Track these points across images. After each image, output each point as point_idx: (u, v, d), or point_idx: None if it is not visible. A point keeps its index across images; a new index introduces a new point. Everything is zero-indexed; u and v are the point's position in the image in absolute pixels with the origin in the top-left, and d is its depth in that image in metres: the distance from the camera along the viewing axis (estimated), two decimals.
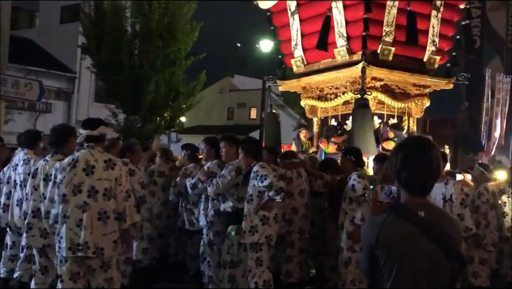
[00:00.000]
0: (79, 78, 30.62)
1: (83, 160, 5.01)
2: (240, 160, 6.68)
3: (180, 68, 20.95)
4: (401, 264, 2.46)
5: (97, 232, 4.87)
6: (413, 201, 2.54)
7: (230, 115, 42.52)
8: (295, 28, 11.66)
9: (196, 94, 22.06)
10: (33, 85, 17.38)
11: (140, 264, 7.46)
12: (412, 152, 2.56)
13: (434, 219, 2.51)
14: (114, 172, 5.03)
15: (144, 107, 19.98)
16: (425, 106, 11.53)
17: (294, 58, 11.85)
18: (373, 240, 2.51)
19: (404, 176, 2.54)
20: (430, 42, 11.09)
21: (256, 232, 6.30)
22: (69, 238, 4.85)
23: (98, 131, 5.17)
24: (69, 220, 4.89)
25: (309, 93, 11.97)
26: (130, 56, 20.34)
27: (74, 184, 4.94)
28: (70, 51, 29.00)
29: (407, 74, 10.92)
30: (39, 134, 7.40)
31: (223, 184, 6.52)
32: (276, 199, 6.23)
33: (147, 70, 20.01)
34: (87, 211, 4.88)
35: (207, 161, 7.20)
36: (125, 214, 5.05)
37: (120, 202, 5.03)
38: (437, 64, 11.38)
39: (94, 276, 4.93)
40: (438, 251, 2.46)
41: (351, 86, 10.83)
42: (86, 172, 4.97)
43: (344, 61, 10.83)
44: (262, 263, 6.33)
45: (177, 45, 20.41)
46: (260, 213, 6.31)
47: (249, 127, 35.71)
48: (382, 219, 2.54)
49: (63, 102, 30.79)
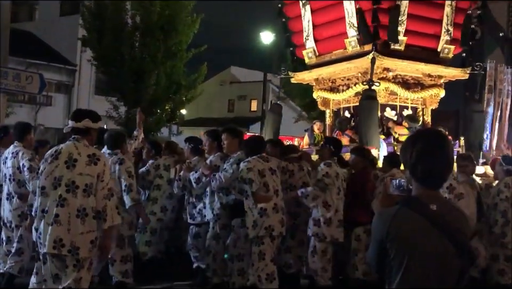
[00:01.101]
0: (79, 70, 30.59)
1: (66, 152, 4.74)
2: (242, 153, 6.69)
3: (181, 60, 20.92)
4: (412, 258, 2.44)
5: (74, 230, 4.56)
6: (425, 194, 2.52)
7: (230, 108, 42.43)
8: (306, 19, 11.57)
9: (196, 86, 22.05)
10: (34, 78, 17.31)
11: (144, 257, 7.49)
12: (430, 146, 2.53)
13: (446, 213, 2.49)
14: (97, 168, 4.72)
15: (145, 100, 19.96)
16: (440, 97, 11.40)
17: (306, 50, 11.78)
18: (383, 232, 2.48)
19: (421, 169, 2.51)
20: (444, 31, 10.91)
21: (257, 225, 6.31)
22: (47, 233, 4.58)
23: (83, 124, 4.86)
24: (47, 215, 4.62)
25: (321, 85, 11.90)
26: (131, 48, 20.30)
27: (55, 177, 4.67)
28: (70, 44, 28.97)
29: (420, 64, 10.80)
30: (28, 126, 7.19)
31: (225, 178, 6.52)
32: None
33: (148, 63, 19.97)
34: (64, 206, 4.60)
35: (209, 154, 7.18)
36: (105, 214, 4.72)
37: (100, 200, 4.71)
38: (451, 53, 11.18)
39: (65, 274, 4.61)
40: (449, 245, 2.44)
41: (362, 77, 10.74)
42: (67, 165, 4.68)
43: (355, 52, 10.77)
44: (265, 256, 6.32)
45: (178, 37, 20.37)
46: (258, 205, 6.32)
47: (250, 119, 35.66)
48: (394, 211, 2.51)
49: (63, 95, 30.77)
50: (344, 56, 11.10)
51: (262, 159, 6.52)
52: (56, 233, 4.55)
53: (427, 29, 10.97)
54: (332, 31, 11.36)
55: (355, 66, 10.87)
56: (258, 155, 6.53)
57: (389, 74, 10.69)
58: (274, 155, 7.07)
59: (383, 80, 10.53)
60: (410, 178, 2.58)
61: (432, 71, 11.10)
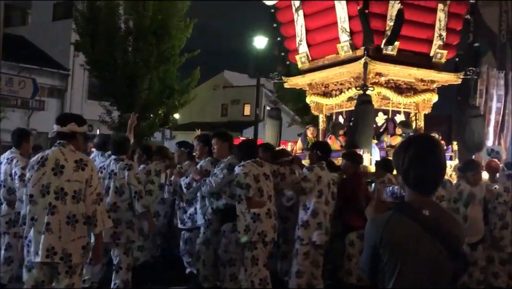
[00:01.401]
0: (72, 75, 30.51)
1: (52, 158, 4.67)
2: (232, 158, 6.67)
3: (174, 65, 20.91)
4: (405, 263, 2.45)
5: (65, 237, 4.54)
6: (418, 200, 2.53)
7: (224, 112, 42.46)
8: (299, 24, 11.62)
9: (190, 91, 22.04)
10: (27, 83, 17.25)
11: (137, 262, 7.47)
12: (422, 151, 2.54)
13: (438, 219, 2.50)
14: (85, 173, 4.68)
15: (138, 104, 19.93)
16: (433, 102, 11.43)
17: (299, 55, 11.84)
18: (377, 238, 2.49)
19: (413, 174, 2.52)
20: (436, 36, 10.96)
21: (249, 230, 6.28)
22: (38, 242, 4.54)
23: (68, 128, 4.78)
24: (37, 223, 4.58)
25: (314, 89, 11.96)
26: (124, 53, 20.28)
27: (43, 185, 4.62)
28: (63, 49, 28.91)
29: (413, 69, 10.84)
30: (25, 133, 7.17)
31: (215, 183, 6.50)
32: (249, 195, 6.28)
33: (141, 67, 19.94)
34: (55, 214, 4.56)
35: (200, 159, 7.15)
36: (95, 219, 4.69)
37: (89, 205, 4.68)
38: (444, 58, 11.24)
39: (57, 280, 4.61)
40: (442, 250, 2.45)
41: (355, 82, 10.80)
42: (54, 172, 4.63)
43: (347, 56, 10.82)
44: (258, 261, 6.29)
45: (171, 42, 20.37)
46: (252, 210, 6.30)
47: (244, 123, 35.67)
48: (387, 217, 2.52)
49: (56, 100, 30.68)
50: (336, 61, 11.14)
51: (256, 164, 6.50)
52: (49, 242, 4.53)
53: (420, 33, 11.00)
54: (324, 36, 11.41)
55: (348, 71, 10.91)
56: (253, 159, 6.52)
57: (381, 79, 10.73)
58: (266, 160, 7.05)
59: (376, 85, 10.57)
60: (403, 184, 2.59)
61: (424, 76, 11.15)
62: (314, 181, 6.94)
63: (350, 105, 11.18)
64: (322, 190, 6.98)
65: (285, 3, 11.89)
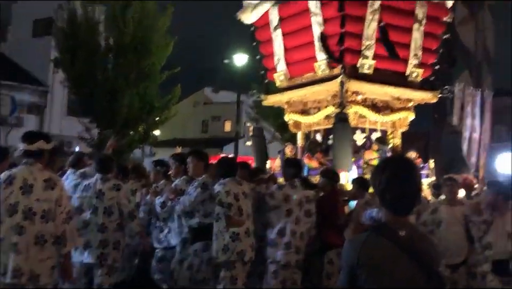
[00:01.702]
0: (52, 91, 30.31)
1: (20, 177, 4.57)
2: (206, 176, 6.66)
3: (155, 82, 20.86)
4: (382, 283, 2.48)
5: (33, 258, 4.46)
6: (394, 220, 2.57)
7: (204, 128, 42.51)
8: (277, 43, 11.71)
9: (170, 108, 22.01)
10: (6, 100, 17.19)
11: None
12: (398, 172, 2.58)
13: (414, 239, 2.55)
14: (55, 192, 4.61)
15: (118, 121, 19.84)
16: (409, 120, 11.57)
17: (277, 73, 11.91)
18: (354, 259, 2.52)
19: (389, 195, 2.56)
20: (412, 55, 11.12)
21: (228, 250, 6.26)
22: (3, 263, 4.44)
23: (36, 146, 4.69)
24: (3, 243, 4.46)
25: (293, 107, 12.04)
26: (104, 69, 20.21)
27: (10, 204, 4.51)
28: (42, 65, 28.71)
29: (389, 88, 10.95)
30: (4, 151, 7.13)
31: (189, 202, 6.48)
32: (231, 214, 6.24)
33: (121, 84, 19.85)
34: (22, 234, 4.46)
35: (176, 177, 7.14)
36: (65, 238, 4.63)
37: (59, 225, 4.60)
38: (420, 77, 11.39)
39: None
40: (419, 270, 2.49)
41: (332, 100, 10.89)
42: (22, 191, 4.53)
43: (324, 75, 10.93)
44: (237, 281, 6.28)
45: (152, 59, 20.35)
46: (230, 229, 6.28)
47: (224, 140, 35.71)
48: (364, 238, 2.55)
49: (35, 116, 30.42)
50: (314, 80, 11.24)
51: (236, 182, 6.51)
52: (16, 262, 4.45)
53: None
54: (302, 54, 11.51)
55: (325, 90, 11.00)
56: (232, 178, 6.53)
57: (358, 97, 10.84)
58: (243, 178, 7.05)
59: (353, 103, 10.67)
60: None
61: (401, 94, 11.29)
62: (280, 200, 6.93)
63: (327, 123, 11.26)
64: (292, 208, 6.94)
65: (264, 22, 11.99)
